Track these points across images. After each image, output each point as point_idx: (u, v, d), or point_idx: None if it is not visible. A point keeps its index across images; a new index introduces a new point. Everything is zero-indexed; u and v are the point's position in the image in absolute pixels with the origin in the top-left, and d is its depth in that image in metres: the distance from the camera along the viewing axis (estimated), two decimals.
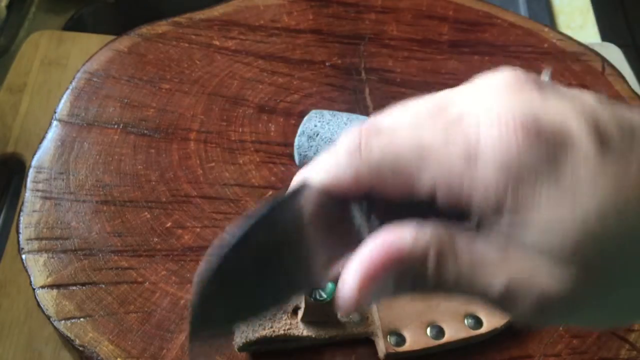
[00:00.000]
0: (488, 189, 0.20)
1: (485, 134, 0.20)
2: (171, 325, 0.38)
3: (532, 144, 0.20)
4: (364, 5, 0.58)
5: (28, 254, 0.40)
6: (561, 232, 0.20)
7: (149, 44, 0.52)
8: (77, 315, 0.38)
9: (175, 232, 0.42)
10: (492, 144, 0.20)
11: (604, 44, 0.69)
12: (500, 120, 0.20)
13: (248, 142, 0.47)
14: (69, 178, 0.44)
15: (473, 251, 0.21)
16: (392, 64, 0.54)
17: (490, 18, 0.58)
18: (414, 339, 0.38)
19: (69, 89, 0.48)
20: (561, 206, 0.20)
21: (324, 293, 0.36)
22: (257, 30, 0.54)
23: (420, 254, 0.22)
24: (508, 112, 0.21)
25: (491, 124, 0.20)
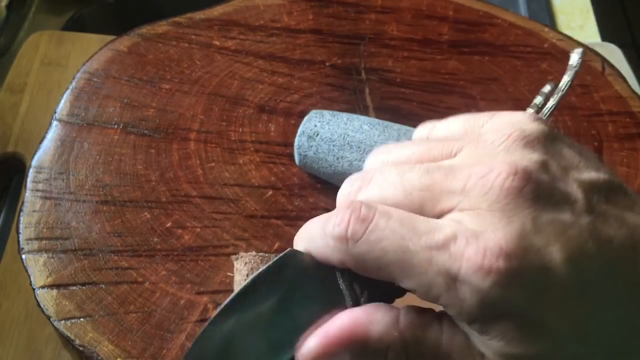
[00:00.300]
0: (462, 310, 0.22)
1: (469, 262, 0.21)
2: (171, 325, 0.38)
3: (511, 282, 0.21)
4: (364, 5, 0.58)
5: (28, 254, 0.40)
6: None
7: (149, 44, 0.52)
8: (77, 315, 0.38)
9: (175, 232, 0.42)
10: (473, 274, 0.21)
11: (604, 44, 0.69)
12: (486, 252, 0.21)
13: (248, 142, 0.47)
14: (69, 178, 0.44)
15: (437, 346, 0.23)
16: (392, 64, 0.54)
17: (490, 18, 0.58)
18: None
19: (69, 89, 0.48)
20: (519, 344, 0.21)
21: None
22: (257, 30, 0.54)
23: (383, 346, 0.23)
24: (495, 244, 0.21)
25: (476, 252, 0.21)
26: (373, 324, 0.23)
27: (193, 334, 0.38)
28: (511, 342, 0.21)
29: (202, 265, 0.41)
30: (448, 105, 0.51)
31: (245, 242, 0.42)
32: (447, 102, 0.52)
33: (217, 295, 0.39)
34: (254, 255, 0.40)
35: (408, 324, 0.23)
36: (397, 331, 0.23)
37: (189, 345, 0.25)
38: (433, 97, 0.52)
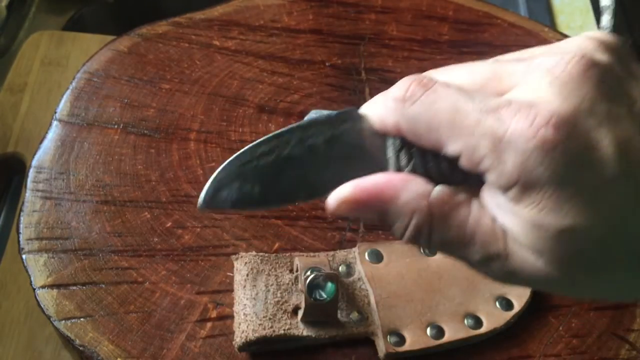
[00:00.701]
0: (502, 174, 0.22)
1: (517, 124, 0.22)
2: (171, 325, 0.38)
3: (555, 150, 0.21)
4: (364, 5, 0.58)
5: (28, 254, 0.40)
6: (543, 235, 0.22)
7: (149, 44, 0.52)
8: (77, 315, 0.38)
9: (175, 232, 0.42)
10: (519, 136, 0.21)
11: None
12: (536, 118, 0.21)
13: (248, 142, 0.47)
14: (69, 178, 0.44)
15: (463, 224, 0.24)
16: (392, 64, 0.54)
17: (490, 18, 0.58)
18: (413, 338, 0.38)
19: (69, 89, 0.48)
20: (552, 214, 0.22)
21: (324, 293, 0.36)
22: (257, 30, 0.54)
23: (408, 210, 0.24)
24: (547, 111, 0.22)
25: (526, 117, 0.22)
26: (404, 189, 0.24)
27: (193, 333, 0.38)
28: (544, 211, 0.22)
29: (202, 265, 0.41)
30: None
31: (245, 242, 0.42)
32: None
33: (217, 295, 0.39)
34: (254, 255, 0.40)
35: (438, 199, 0.24)
36: (426, 202, 0.24)
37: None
38: None
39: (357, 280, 0.40)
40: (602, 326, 0.41)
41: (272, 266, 0.39)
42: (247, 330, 0.36)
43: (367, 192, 0.25)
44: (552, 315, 0.41)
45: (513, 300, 0.40)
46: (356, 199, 0.25)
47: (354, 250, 0.41)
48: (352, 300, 0.39)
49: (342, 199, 0.25)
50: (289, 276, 0.39)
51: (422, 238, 0.24)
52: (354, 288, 0.39)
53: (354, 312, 0.38)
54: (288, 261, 0.39)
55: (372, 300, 0.39)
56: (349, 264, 0.40)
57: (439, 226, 0.24)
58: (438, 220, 0.24)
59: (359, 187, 0.25)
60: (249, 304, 0.37)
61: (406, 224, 0.24)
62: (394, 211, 0.24)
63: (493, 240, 0.24)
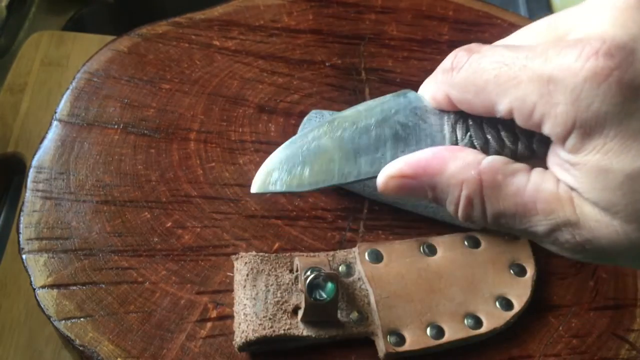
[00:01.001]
0: (557, 119, 0.20)
1: (564, 59, 0.20)
2: (171, 325, 0.38)
3: (609, 80, 0.19)
4: (364, 5, 0.58)
5: (28, 254, 0.40)
6: (612, 185, 0.20)
7: (149, 44, 0.52)
8: (77, 315, 0.38)
9: (175, 232, 0.42)
10: (566, 72, 0.20)
11: None
12: (585, 48, 0.19)
13: (248, 142, 0.47)
14: (69, 178, 0.44)
15: (520, 192, 0.22)
16: (392, 64, 0.54)
17: (490, 18, 0.58)
18: (413, 338, 0.38)
19: (69, 89, 0.48)
20: (619, 156, 0.19)
21: (324, 293, 0.36)
22: (257, 30, 0.54)
23: (456, 182, 0.23)
24: (598, 40, 0.19)
25: (572, 51, 0.20)
26: (452, 159, 0.23)
27: (193, 333, 0.38)
28: (608, 154, 0.19)
29: (202, 265, 0.41)
30: None
31: (245, 242, 0.42)
32: None
33: (217, 295, 0.39)
34: (254, 255, 0.40)
35: (489, 167, 0.23)
36: (476, 171, 0.22)
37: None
38: None
39: (357, 280, 0.40)
40: (602, 326, 0.41)
41: (272, 266, 0.39)
42: (247, 330, 0.36)
43: (414, 166, 0.23)
44: (552, 315, 0.41)
45: (513, 300, 0.40)
46: (403, 174, 0.24)
47: (354, 250, 0.41)
48: (352, 300, 0.39)
49: (389, 174, 0.24)
50: (289, 276, 0.39)
51: (475, 211, 0.23)
52: (354, 288, 0.39)
53: (354, 312, 0.38)
54: (288, 261, 0.40)
55: (372, 300, 0.39)
56: (349, 264, 0.40)
57: (492, 196, 0.22)
58: (490, 189, 0.22)
59: (406, 162, 0.24)
60: (249, 304, 0.37)
61: (457, 198, 0.23)
62: (443, 184, 0.23)
63: (558, 206, 0.21)
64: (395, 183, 0.24)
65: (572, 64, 0.19)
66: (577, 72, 0.19)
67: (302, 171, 0.25)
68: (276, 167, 0.26)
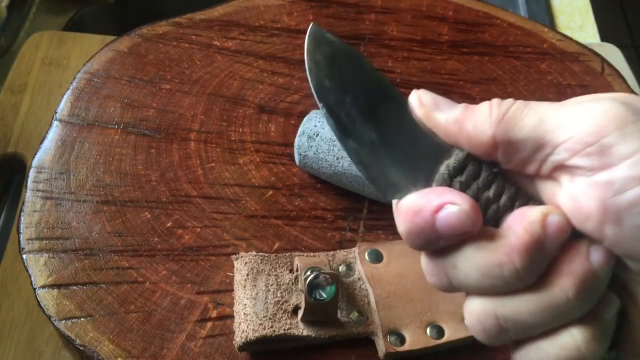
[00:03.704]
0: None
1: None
2: (171, 325, 0.38)
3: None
4: (363, 5, 0.58)
5: (29, 254, 0.40)
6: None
7: (150, 44, 0.52)
8: (77, 315, 0.38)
9: (175, 232, 0.42)
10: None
11: (603, 44, 0.69)
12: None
13: (248, 142, 0.47)
14: (69, 178, 0.44)
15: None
16: (392, 64, 0.54)
17: (489, 18, 0.58)
18: (413, 338, 0.38)
19: (69, 89, 0.49)
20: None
21: (324, 293, 0.36)
22: (257, 30, 0.55)
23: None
24: None
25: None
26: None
27: (193, 333, 0.38)
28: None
29: (203, 265, 0.41)
30: None
31: (245, 242, 0.42)
32: None
33: (217, 295, 0.39)
34: (254, 255, 0.40)
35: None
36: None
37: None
38: None
39: (357, 280, 0.40)
40: None
41: (272, 266, 0.39)
42: (247, 330, 0.36)
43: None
44: None
45: None
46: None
47: (354, 250, 0.41)
48: (352, 300, 0.39)
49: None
50: (289, 276, 0.39)
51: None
52: (354, 288, 0.39)
53: (354, 312, 0.38)
54: (288, 261, 0.40)
55: (372, 300, 0.39)
56: (349, 263, 0.41)
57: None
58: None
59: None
60: (249, 304, 0.37)
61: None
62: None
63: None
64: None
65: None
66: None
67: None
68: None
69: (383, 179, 0.25)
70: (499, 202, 0.24)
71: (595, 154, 0.22)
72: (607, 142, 0.22)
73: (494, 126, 0.24)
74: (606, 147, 0.22)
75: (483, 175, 0.24)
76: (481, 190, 0.24)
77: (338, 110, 0.25)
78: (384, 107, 0.25)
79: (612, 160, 0.22)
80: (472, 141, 0.24)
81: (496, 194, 0.24)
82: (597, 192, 0.22)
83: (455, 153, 0.25)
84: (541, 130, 0.24)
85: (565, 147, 0.23)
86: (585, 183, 0.23)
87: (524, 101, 0.24)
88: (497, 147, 0.24)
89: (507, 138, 0.24)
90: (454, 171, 0.24)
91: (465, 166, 0.24)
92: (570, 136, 0.23)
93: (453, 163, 0.24)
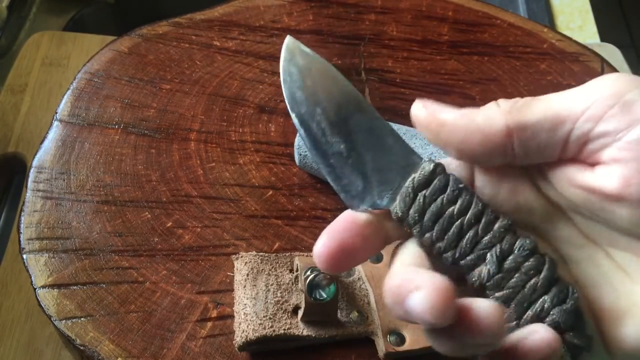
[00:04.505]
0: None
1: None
2: (172, 325, 0.38)
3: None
4: (363, 5, 0.58)
5: (29, 254, 0.40)
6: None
7: (150, 44, 0.52)
8: (77, 314, 0.38)
9: (175, 232, 0.42)
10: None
11: (603, 45, 0.69)
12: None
13: (248, 142, 0.47)
14: (69, 178, 0.44)
15: None
16: (391, 65, 0.54)
17: (489, 18, 0.58)
18: (413, 338, 0.38)
19: (69, 89, 0.49)
20: None
21: (324, 293, 0.36)
22: (257, 30, 0.55)
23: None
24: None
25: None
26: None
27: (193, 333, 0.38)
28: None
29: (203, 265, 0.41)
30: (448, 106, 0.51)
31: (245, 242, 0.42)
32: (446, 102, 0.51)
33: (218, 294, 0.39)
34: (254, 255, 0.40)
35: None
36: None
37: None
38: (432, 97, 0.51)
39: (357, 280, 0.40)
40: None
41: (272, 266, 0.39)
42: (247, 329, 0.36)
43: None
44: None
45: None
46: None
47: None
48: (352, 299, 0.39)
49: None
50: (289, 276, 0.39)
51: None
52: (354, 288, 0.39)
53: (354, 312, 0.38)
54: (288, 261, 0.40)
55: (372, 300, 0.39)
56: None
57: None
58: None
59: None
60: (249, 304, 0.37)
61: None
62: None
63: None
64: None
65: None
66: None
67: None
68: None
69: (351, 189, 0.25)
70: (465, 217, 0.24)
71: (619, 114, 0.21)
72: (629, 98, 0.21)
73: (505, 114, 0.23)
74: (629, 103, 0.21)
75: (449, 190, 0.24)
76: (446, 205, 0.24)
77: (309, 121, 0.26)
78: (354, 119, 0.26)
79: (638, 116, 0.21)
80: (484, 131, 0.23)
81: (462, 209, 0.24)
82: (632, 152, 0.21)
83: (422, 167, 0.25)
84: (555, 109, 0.23)
85: (586, 116, 0.22)
86: (617, 149, 0.22)
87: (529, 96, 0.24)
88: (511, 136, 0.23)
89: (521, 123, 0.23)
90: (418, 185, 0.24)
91: (431, 180, 0.24)
92: (589, 105, 0.22)
93: (418, 177, 0.24)
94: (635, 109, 0.21)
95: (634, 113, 0.21)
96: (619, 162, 0.22)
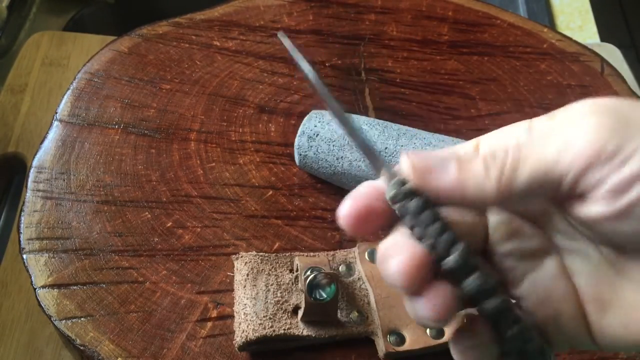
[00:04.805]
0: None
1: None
2: (172, 325, 0.38)
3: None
4: (363, 5, 0.58)
5: (29, 254, 0.40)
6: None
7: (150, 44, 0.52)
8: (77, 314, 0.38)
9: (175, 232, 0.42)
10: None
11: (603, 45, 0.69)
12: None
13: (248, 142, 0.47)
14: (69, 178, 0.44)
15: None
16: (391, 65, 0.54)
17: (489, 18, 0.58)
18: (413, 338, 0.38)
19: (69, 89, 0.49)
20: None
21: (324, 293, 0.36)
22: (257, 30, 0.55)
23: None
24: None
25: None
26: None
27: (193, 333, 0.38)
28: None
29: (203, 265, 0.41)
30: (447, 105, 0.51)
31: (245, 242, 0.42)
32: (446, 102, 0.52)
33: (218, 294, 0.39)
34: (254, 255, 0.40)
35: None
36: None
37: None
38: (432, 97, 0.52)
39: (357, 280, 0.40)
40: None
41: (272, 266, 0.39)
42: (247, 329, 0.36)
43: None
44: None
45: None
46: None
47: (353, 250, 0.41)
48: (352, 300, 0.39)
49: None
50: (289, 276, 0.39)
51: None
52: (354, 288, 0.39)
53: (354, 312, 0.38)
54: (288, 261, 0.40)
55: (372, 300, 0.39)
56: (349, 263, 0.41)
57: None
58: None
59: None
60: (249, 304, 0.37)
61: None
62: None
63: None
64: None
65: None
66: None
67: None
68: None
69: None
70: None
71: (605, 164, 0.22)
72: (611, 150, 0.22)
73: (497, 183, 0.24)
74: (614, 152, 0.22)
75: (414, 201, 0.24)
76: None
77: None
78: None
79: (620, 159, 0.22)
80: (479, 201, 0.24)
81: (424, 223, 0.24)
82: (618, 195, 0.22)
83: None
84: (543, 170, 0.23)
85: (573, 174, 0.23)
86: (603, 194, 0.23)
87: (515, 143, 0.24)
88: (502, 199, 0.24)
89: (512, 192, 0.24)
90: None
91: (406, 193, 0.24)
92: (573, 159, 0.23)
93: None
94: (620, 155, 0.22)
95: (620, 157, 0.22)
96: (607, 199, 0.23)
